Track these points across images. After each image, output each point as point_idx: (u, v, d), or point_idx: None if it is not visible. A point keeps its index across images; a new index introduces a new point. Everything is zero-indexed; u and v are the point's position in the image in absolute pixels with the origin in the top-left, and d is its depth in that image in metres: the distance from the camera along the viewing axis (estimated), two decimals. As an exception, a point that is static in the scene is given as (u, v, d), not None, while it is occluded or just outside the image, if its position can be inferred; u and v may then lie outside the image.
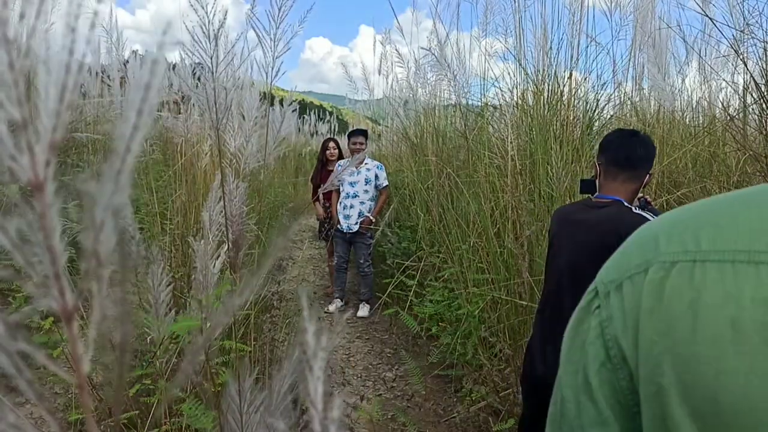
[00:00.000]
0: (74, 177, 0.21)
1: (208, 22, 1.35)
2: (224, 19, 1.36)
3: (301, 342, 0.29)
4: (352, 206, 5.30)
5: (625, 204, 1.95)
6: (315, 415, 0.29)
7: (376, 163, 5.39)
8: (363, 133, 5.41)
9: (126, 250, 0.22)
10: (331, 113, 16.85)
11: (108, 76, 5.15)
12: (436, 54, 4.39)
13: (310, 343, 0.29)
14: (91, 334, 0.22)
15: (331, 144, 5.94)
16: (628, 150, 1.99)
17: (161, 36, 0.20)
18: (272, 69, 2.77)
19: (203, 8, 1.37)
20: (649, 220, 1.76)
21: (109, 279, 0.23)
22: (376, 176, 5.33)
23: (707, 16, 3.00)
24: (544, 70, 3.56)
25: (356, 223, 5.27)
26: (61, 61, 0.20)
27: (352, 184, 5.27)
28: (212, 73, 1.28)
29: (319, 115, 15.18)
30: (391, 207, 5.35)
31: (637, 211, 1.92)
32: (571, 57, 3.49)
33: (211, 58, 1.30)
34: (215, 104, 1.29)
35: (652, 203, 2.26)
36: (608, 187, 2.02)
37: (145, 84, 0.21)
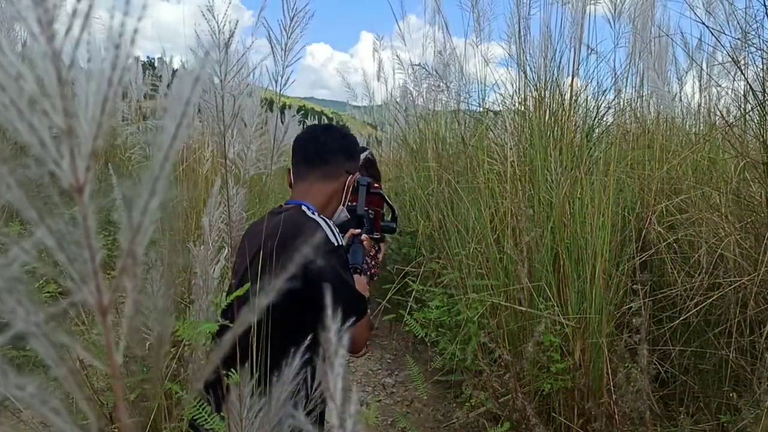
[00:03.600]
0: (113, 182, 0.23)
1: (218, 30, 1.37)
2: (235, 28, 1.38)
3: (323, 339, 0.31)
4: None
5: (308, 208, 1.67)
6: (333, 409, 0.31)
7: None
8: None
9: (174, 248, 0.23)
10: (331, 119, 16.91)
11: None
12: (427, 67, 4.45)
13: (332, 340, 0.31)
14: (124, 327, 0.23)
15: None
16: (317, 144, 1.76)
17: (203, 56, 0.22)
18: (282, 78, 2.79)
19: (214, 18, 1.39)
20: (320, 226, 1.58)
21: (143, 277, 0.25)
22: None
23: (705, 24, 3.02)
24: (545, 76, 3.59)
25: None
26: (103, 73, 0.21)
27: None
28: (221, 81, 1.30)
29: (320, 122, 15.22)
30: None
31: (314, 215, 1.64)
32: (573, 63, 3.52)
33: (220, 66, 1.32)
34: (222, 112, 1.31)
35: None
36: (296, 190, 1.76)
37: (185, 99, 0.22)
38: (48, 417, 0.22)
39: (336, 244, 1.57)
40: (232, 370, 1.47)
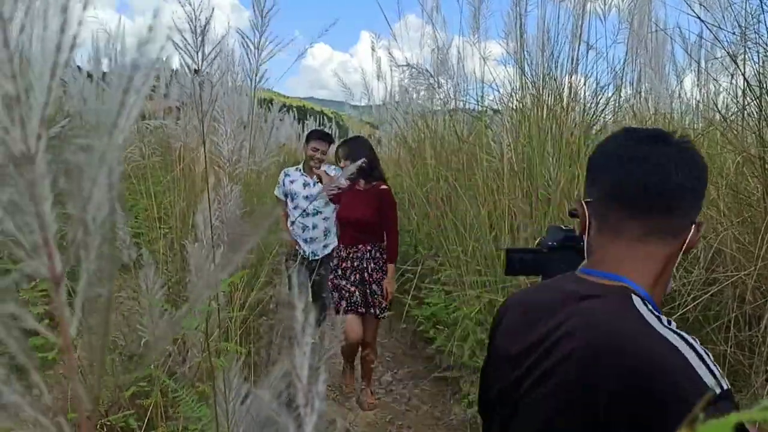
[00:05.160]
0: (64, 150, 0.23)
1: (195, 18, 1.37)
2: (211, 14, 1.38)
3: (289, 317, 0.30)
4: (315, 226, 4.15)
5: (639, 297, 0.91)
6: (300, 388, 0.30)
7: (334, 167, 4.21)
8: (325, 137, 4.27)
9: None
10: (330, 119, 16.90)
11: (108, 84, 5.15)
12: (419, 66, 4.47)
13: (299, 318, 0.30)
14: (79, 299, 0.23)
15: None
16: (647, 169, 0.94)
17: (152, 19, 0.21)
18: (255, 75, 2.80)
19: (190, 4, 1.39)
20: (678, 350, 0.82)
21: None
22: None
23: (701, 20, 3.02)
24: (543, 73, 3.59)
25: (325, 246, 4.14)
26: (52, 38, 0.21)
27: (308, 197, 4.10)
28: (198, 66, 1.30)
29: (319, 121, 15.21)
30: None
31: (665, 326, 0.86)
32: (571, 61, 3.52)
33: (198, 53, 1.31)
34: (200, 99, 1.31)
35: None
36: (606, 250, 0.99)
37: (131, 62, 0.22)
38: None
39: (724, 387, 0.80)
40: None
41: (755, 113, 2.75)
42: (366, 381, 3.63)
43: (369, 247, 3.59)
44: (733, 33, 2.86)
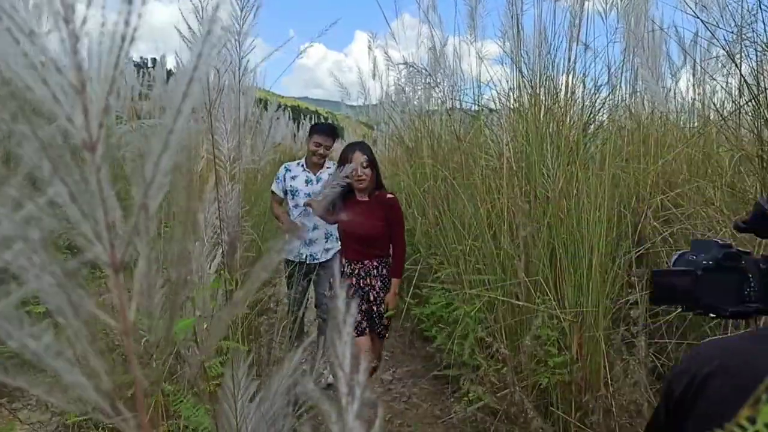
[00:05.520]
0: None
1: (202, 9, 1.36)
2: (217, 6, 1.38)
3: (332, 307, 0.31)
4: (316, 227, 3.82)
5: None
6: (342, 377, 0.31)
7: (333, 162, 3.92)
8: (330, 131, 4.01)
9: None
10: (326, 118, 16.88)
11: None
12: (417, 65, 4.47)
13: (341, 309, 0.31)
14: (136, 285, 0.23)
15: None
16: None
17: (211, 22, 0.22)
18: (239, 69, 2.78)
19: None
20: None
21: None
22: None
23: (699, 18, 3.04)
24: (540, 73, 3.60)
25: (326, 250, 3.87)
26: (116, 32, 0.21)
27: (310, 195, 3.80)
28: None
29: (314, 121, 15.16)
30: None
31: None
32: (568, 60, 3.53)
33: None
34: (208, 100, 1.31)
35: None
36: None
37: (197, 54, 0.22)
38: (61, 370, 0.22)
39: None
40: None
41: (752, 111, 2.77)
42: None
43: (376, 263, 3.24)
44: (732, 32, 2.87)
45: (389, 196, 3.26)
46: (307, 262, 3.77)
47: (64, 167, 0.21)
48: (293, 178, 3.90)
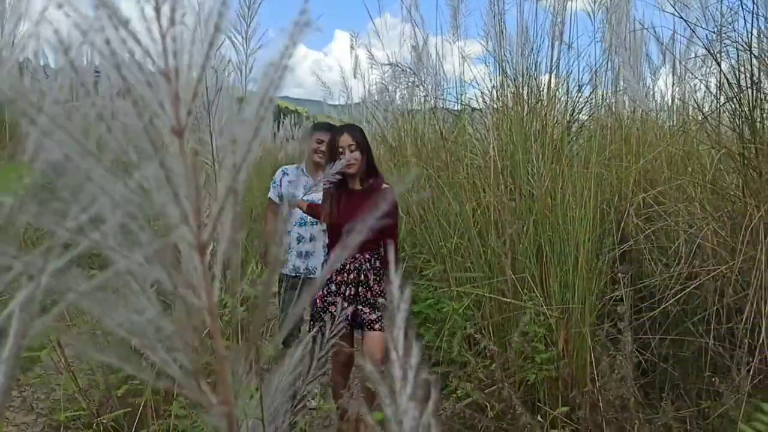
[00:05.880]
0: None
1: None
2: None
3: (389, 291, 0.31)
4: (312, 238, 3.49)
5: None
6: (396, 360, 0.31)
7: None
8: (330, 128, 3.48)
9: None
10: (307, 118, 16.80)
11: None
12: (401, 65, 4.48)
13: (396, 295, 0.32)
14: (218, 262, 0.24)
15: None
16: None
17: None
18: (246, 67, 2.73)
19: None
20: None
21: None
22: None
23: (681, 17, 3.09)
24: (523, 72, 3.63)
25: (325, 264, 3.14)
26: (209, 20, 0.22)
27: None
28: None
29: (294, 121, 15.10)
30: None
31: None
32: (551, 59, 3.56)
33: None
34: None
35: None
36: None
37: (275, 63, 0.23)
38: (150, 348, 0.23)
39: None
40: None
41: (732, 109, 2.82)
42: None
43: (368, 256, 3.00)
44: (713, 31, 2.93)
45: (385, 186, 3.02)
46: (303, 276, 3.43)
47: (159, 151, 0.22)
48: (290, 182, 3.54)
